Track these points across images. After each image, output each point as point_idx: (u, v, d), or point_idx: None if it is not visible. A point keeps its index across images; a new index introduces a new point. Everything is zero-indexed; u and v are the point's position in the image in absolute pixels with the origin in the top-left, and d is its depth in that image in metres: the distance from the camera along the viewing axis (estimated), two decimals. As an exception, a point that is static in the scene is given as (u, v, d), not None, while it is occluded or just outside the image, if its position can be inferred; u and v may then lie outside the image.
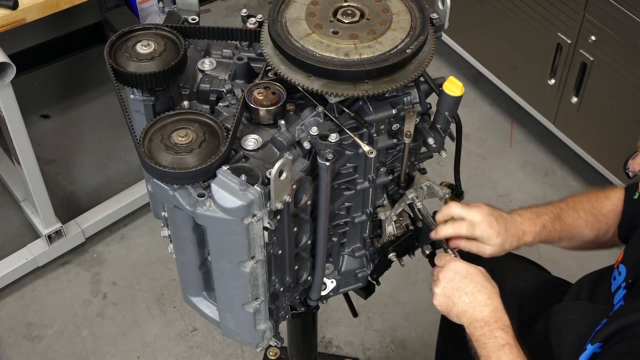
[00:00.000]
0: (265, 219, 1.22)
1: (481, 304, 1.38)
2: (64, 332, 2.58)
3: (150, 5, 2.95)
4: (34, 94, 3.23)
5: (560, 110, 2.82)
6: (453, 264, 1.42)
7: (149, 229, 2.83)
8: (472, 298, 1.38)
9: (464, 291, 1.39)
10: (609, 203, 1.61)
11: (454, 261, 1.42)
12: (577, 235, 1.59)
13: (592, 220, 1.60)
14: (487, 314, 1.37)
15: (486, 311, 1.37)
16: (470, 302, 1.38)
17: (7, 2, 2.09)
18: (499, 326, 1.35)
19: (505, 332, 1.35)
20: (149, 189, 1.52)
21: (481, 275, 1.40)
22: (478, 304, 1.38)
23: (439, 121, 1.38)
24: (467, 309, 1.38)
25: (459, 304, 1.39)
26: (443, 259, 1.45)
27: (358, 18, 1.33)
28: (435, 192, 1.53)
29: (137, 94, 1.36)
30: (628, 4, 2.37)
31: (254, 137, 1.30)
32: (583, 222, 1.60)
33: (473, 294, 1.38)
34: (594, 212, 1.61)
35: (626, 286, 1.42)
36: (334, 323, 2.58)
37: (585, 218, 1.60)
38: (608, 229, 1.60)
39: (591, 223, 1.60)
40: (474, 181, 2.98)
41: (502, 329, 1.35)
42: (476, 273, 1.40)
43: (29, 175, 2.46)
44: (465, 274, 1.40)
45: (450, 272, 1.41)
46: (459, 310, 1.39)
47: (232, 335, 1.42)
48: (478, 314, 1.37)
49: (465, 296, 1.38)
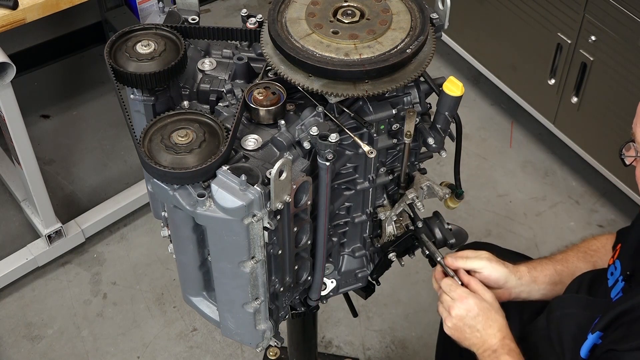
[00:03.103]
0: (265, 219, 1.22)
1: (490, 336, 1.48)
2: (64, 332, 2.58)
3: (150, 5, 2.95)
4: (34, 94, 3.23)
5: (560, 110, 2.82)
6: (466, 300, 1.49)
7: (149, 229, 2.84)
8: (483, 333, 1.48)
9: (476, 328, 1.48)
10: (597, 242, 1.71)
11: (466, 297, 1.49)
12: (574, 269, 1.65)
13: (582, 255, 1.68)
14: (495, 343, 1.47)
15: (495, 341, 1.47)
16: (481, 337, 1.48)
17: (7, 2, 2.09)
18: (505, 351, 1.46)
19: (511, 356, 1.45)
20: (149, 189, 1.52)
21: (492, 311, 1.49)
22: (488, 336, 1.48)
23: (439, 121, 1.38)
24: (477, 342, 1.49)
25: (470, 338, 1.49)
26: (454, 292, 1.50)
27: (358, 18, 1.33)
28: (435, 192, 1.53)
29: (137, 94, 1.36)
30: (628, 4, 2.37)
31: (254, 137, 1.30)
32: (574, 257, 1.68)
33: (485, 330, 1.48)
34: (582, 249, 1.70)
35: (624, 279, 1.45)
36: (334, 323, 2.58)
37: (575, 255, 1.69)
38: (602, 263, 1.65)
39: (582, 257, 1.68)
40: (474, 181, 2.98)
41: (507, 353, 1.46)
42: (488, 309, 1.49)
43: (29, 175, 2.46)
44: (477, 312, 1.48)
45: (463, 310, 1.48)
46: (470, 342, 1.50)
47: (232, 335, 1.43)
48: (487, 346, 1.48)
49: (477, 332, 1.48)
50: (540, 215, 2.89)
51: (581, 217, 2.88)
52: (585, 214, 2.89)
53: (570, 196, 2.95)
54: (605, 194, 2.93)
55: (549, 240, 2.81)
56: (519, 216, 2.88)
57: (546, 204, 2.93)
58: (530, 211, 2.90)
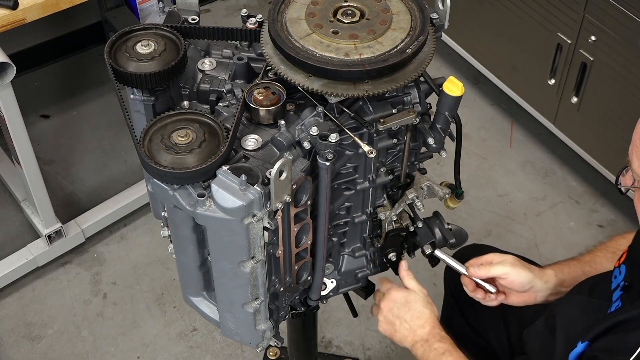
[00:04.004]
0: (265, 219, 1.22)
1: (419, 327, 1.51)
2: (64, 332, 2.58)
3: (150, 5, 2.95)
4: (34, 94, 3.23)
5: (560, 110, 2.82)
6: (393, 292, 1.54)
7: (149, 229, 2.84)
8: (411, 324, 1.51)
9: (404, 319, 1.52)
10: (624, 239, 1.66)
11: (393, 290, 1.54)
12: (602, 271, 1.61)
13: (611, 256, 1.65)
14: (424, 334, 1.50)
15: (424, 332, 1.51)
16: (410, 328, 1.51)
17: (7, 2, 2.09)
18: (436, 339, 1.49)
19: (443, 342, 1.48)
20: (149, 189, 1.52)
21: (419, 302, 1.52)
22: (417, 328, 1.51)
23: (439, 121, 1.38)
24: (408, 334, 1.52)
25: (400, 330, 1.52)
26: (384, 286, 1.56)
27: (358, 18, 1.33)
28: (435, 192, 1.53)
29: (137, 94, 1.36)
30: (628, 4, 2.37)
31: (254, 137, 1.30)
32: (603, 258, 1.65)
33: (412, 320, 1.51)
34: (611, 249, 1.67)
35: (622, 287, 1.43)
36: (334, 323, 2.58)
37: (604, 255, 1.66)
38: None
39: (610, 258, 1.64)
40: (474, 181, 2.98)
41: (439, 340, 1.49)
42: (414, 300, 1.53)
43: (29, 175, 2.46)
44: (403, 302, 1.53)
45: (390, 302, 1.53)
46: (401, 335, 1.53)
47: (232, 335, 1.43)
48: (417, 337, 1.51)
49: (405, 323, 1.52)
50: (540, 215, 2.89)
51: (581, 217, 2.88)
52: (585, 214, 2.89)
53: (570, 196, 2.95)
54: (605, 194, 2.93)
55: (549, 240, 2.81)
56: (519, 216, 2.89)
57: (546, 204, 2.93)
58: (530, 211, 2.90)
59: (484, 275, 1.56)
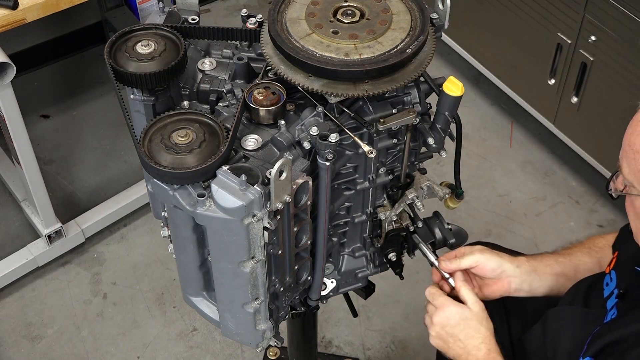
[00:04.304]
0: (265, 219, 1.22)
1: (475, 349, 1.44)
2: (64, 332, 2.58)
3: (150, 5, 2.95)
4: (34, 94, 3.23)
5: (560, 110, 2.82)
6: (447, 308, 1.46)
7: (149, 229, 2.83)
8: (465, 343, 1.44)
9: (458, 337, 1.45)
10: (602, 239, 1.65)
11: (447, 305, 1.46)
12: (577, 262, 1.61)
13: (587, 250, 1.64)
14: (480, 357, 1.43)
15: (479, 355, 1.43)
16: (464, 347, 1.44)
17: (7, 2, 2.09)
18: None
19: None
20: (149, 189, 1.52)
21: (474, 320, 1.45)
22: (472, 348, 1.44)
23: (439, 121, 1.38)
24: (462, 353, 1.45)
25: (453, 347, 1.46)
26: (437, 299, 1.48)
27: (358, 18, 1.33)
28: (435, 192, 1.53)
29: (137, 94, 1.36)
30: (628, 4, 2.37)
31: (254, 137, 1.30)
32: (579, 252, 1.63)
33: (467, 340, 1.44)
34: (587, 245, 1.66)
35: (618, 295, 1.41)
36: (334, 323, 2.58)
37: (579, 250, 1.64)
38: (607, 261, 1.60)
39: (587, 252, 1.63)
40: (474, 181, 2.98)
41: None
42: (469, 318, 1.45)
43: (29, 175, 2.46)
44: (458, 320, 1.45)
45: (444, 318, 1.46)
46: (455, 353, 1.46)
47: (232, 335, 1.43)
48: (472, 358, 1.44)
49: (459, 342, 1.45)
50: (540, 215, 2.89)
51: (581, 217, 2.88)
52: (585, 214, 2.89)
53: (570, 196, 2.95)
54: (605, 194, 2.93)
55: (549, 240, 2.81)
56: (518, 216, 2.89)
57: (546, 204, 2.93)
58: (530, 211, 2.90)
59: (455, 268, 1.52)
